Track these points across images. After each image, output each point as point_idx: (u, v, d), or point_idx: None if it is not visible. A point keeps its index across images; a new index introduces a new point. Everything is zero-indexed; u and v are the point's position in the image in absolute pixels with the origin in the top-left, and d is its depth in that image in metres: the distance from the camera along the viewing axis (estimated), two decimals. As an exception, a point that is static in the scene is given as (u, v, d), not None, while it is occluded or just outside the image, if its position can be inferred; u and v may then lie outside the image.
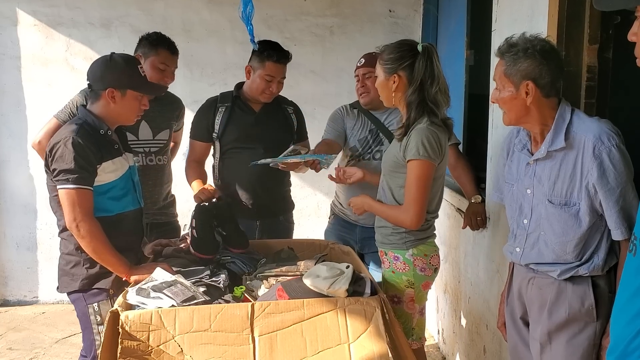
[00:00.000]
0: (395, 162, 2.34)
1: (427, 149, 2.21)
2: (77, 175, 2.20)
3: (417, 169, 2.24)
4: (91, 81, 2.37)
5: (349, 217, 3.09)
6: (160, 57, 2.95)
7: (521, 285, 2.03)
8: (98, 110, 2.36)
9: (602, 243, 1.84)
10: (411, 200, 2.26)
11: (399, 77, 2.30)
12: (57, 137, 2.28)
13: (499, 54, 1.91)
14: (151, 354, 1.90)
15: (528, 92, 1.83)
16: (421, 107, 2.28)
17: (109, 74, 2.33)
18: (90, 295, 2.36)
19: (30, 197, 4.64)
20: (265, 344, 1.96)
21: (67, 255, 2.38)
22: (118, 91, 2.32)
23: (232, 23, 4.52)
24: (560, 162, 1.84)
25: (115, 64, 2.35)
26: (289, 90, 3.20)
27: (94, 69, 2.37)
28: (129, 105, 2.37)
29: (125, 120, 2.44)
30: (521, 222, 1.99)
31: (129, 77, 2.35)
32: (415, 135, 2.24)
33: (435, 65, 2.28)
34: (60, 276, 2.41)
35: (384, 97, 2.40)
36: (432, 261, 2.41)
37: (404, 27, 4.76)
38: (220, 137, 3.05)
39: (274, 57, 2.90)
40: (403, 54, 2.29)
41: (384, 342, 2.00)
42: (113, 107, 2.34)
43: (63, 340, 4.02)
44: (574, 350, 1.86)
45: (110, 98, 2.32)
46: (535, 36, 1.87)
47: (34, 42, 4.54)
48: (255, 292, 2.31)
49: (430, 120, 2.26)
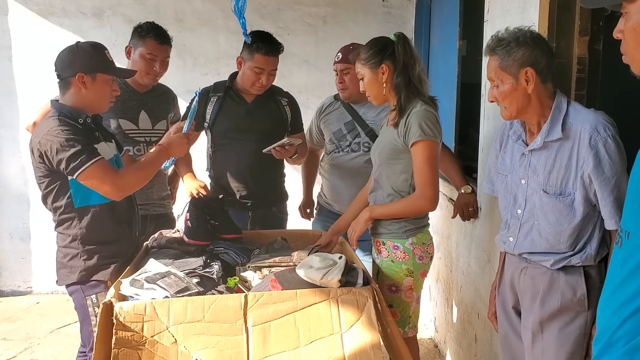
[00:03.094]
0: (393, 148, 2.36)
1: (431, 128, 2.26)
2: (86, 153, 2.21)
3: (424, 149, 2.27)
4: (60, 71, 2.35)
5: (333, 208, 3.13)
6: (147, 47, 2.93)
7: (513, 275, 2.05)
8: (71, 100, 2.34)
9: (595, 233, 1.86)
10: (425, 182, 2.28)
11: (387, 67, 2.34)
12: (40, 134, 2.25)
13: (488, 51, 1.91)
14: (145, 345, 1.91)
15: (528, 79, 1.84)
16: (409, 88, 2.34)
17: (77, 60, 2.32)
18: (88, 287, 2.37)
19: (24, 187, 4.63)
20: (258, 334, 1.98)
21: (64, 248, 2.38)
22: (88, 76, 2.31)
23: (225, 12, 4.50)
24: (556, 152, 1.86)
25: (83, 49, 2.35)
26: (283, 80, 3.20)
27: (62, 57, 2.36)
28: (100, 89, 2.35)
29: (98, 106, 2.41)
30: (515, 212, 2.01)
31: (97, 61, 2.34)
32: (414, 119, 2.28)
33: (412, 48, 2.38)
34: (58, 269, 2.42)
35: (374, 95, 2.42)
36: (429, 249, 2.44)
37: (397, 17, 4.76)
38: (211, 126, 3.06)
39: (262, 49, 2.89)
40: (382, 45, 2.37)
41: (376, 332, 2.02)
42: (85, 92, 2.32)
43: (58, 330, 4.04)
44: (565, 339, 1.88)
45: (81, 83, 2.30)
46: (520, 27, 1.89)
47: (25, 31, 4.51)
48: (249, 283, 2.33)
49: (423, 101, 2.32)
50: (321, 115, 3.23)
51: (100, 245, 2.36)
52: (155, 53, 2.95)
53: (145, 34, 2.94)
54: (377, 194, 2.47)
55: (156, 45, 2.96)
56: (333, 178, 3.13)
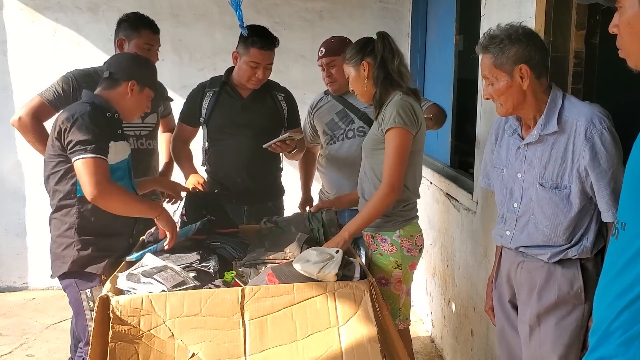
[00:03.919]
0: (375, 139, 2.41)
1: (403, 117, 2.30)
2: (95, 145, 2.22)
3: (394, 137, 2.31)
4: (114, 69, 2.43)
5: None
6: (144, 38, 2.93)
7: (510, 269, 2.05)
8: (110, 96, 2.40)
9: (592, 226, 1.87)
10: (388, 169, 2.32)
11: (367, 64, 2.42)
12: (71, 110, 2.29)
13: (481, 49, 1.92)
14: (142, 339, 1.91)
15: (523, 76, 1.84)
16: (387, 81, 2.41)
17: (136, 68, 2.45)
18: (82, 282, 2.36)
19: (19, 183, 4.62)
20: (255, 328, 1.98)
21: (58, 238, 2.38)
22: (138, 86, 2.41)
23: (221, 7, 4.49)
24: (552, 145, 1.87)
25: (145, 62, 2.55)
26: (279, 75, 3.20)
27: (121, 59, 2.52)
28: (141, 101, 2.47)
29: (130, 114, 2.49)
30: (511, 205, 2.02)
31: (151, 77, 2.51)
32: (389, 107, 2.35)
33: (392, 44, 2.45)
34: (52, 261, 2.41)
35: (360, 92, 2.50)
36: (417, 242, 2.46)
37: (394, 12, 4.75)
38: (207, 121, 3.05)
39: (258, 44, 2.89)
40: (363, 44, 2.47)
41: (373, 325, 2.03)
42: (128, 98, 2.41)
43: (54, 325, 4.03)
44: (562, 331, 1.89)
45: (130, 90, 2.40)
46: (511, 23, 1.89)
47: (20, 26, 4.48)
48: (246, 277, 2.32)
49: (402, 92, 2.38)
50: (313, 111, 3.22)
51: (96, 237, 2.36)
52: (152, 43, 2.97)
53: (140, 25, 2.94)
54: (364, 187, 2.52)
55: (151, 35, 2.97)
56: (332, 171, 3.11)
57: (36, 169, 4.23)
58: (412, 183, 2.45)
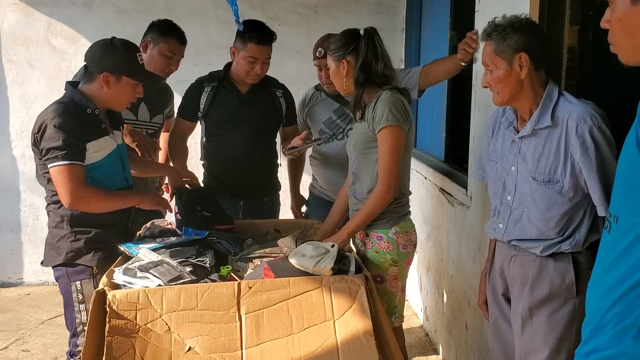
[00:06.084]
0: (366, 138, 2.37)
1: (395, 115, 2.27)
2: (66, 151, 2.21)
3: (388, 136, 2.29)
4: (88, 62, 2.37)
5: (330, 197, 3.12)
6: (169, 45, 2.95)
7: (503, 263, 2.07)
8: (89, 90, 2.36)
9: (585, 219, 1.89)
10: (384, 169, 2.30)
11: (347, 62, 2.37)
12: (43, 116, 2.27)
13: (484, 36, 1.93)
14: (139, 333, 1.92)
15: (522, 65, 1.86)
16: (369, 83, 2.36)
17: (106, 58, 2.34)
18: (73, 273, 2.37)
19: (13, 178, 4.60)
20: (251, 322, 1.99)
21: (54, 229, 2.39)
22: (113, 76, 2.33)
23: (215, 2, 4.48)
24: (545, 139, 1.88)
25: (114, 48, 2.36)
26: (274, 71, 3.20)
27: (93, 49, 2.38)
28: (122, 91, 2.37)
29: (115, 105, 2.44)
30: (504, 198, 2.03)
31: (125, 63, 2.35)
32: (380, 105, 2.30)
33: (378, 45, 2.37)
34: (46, 250, 2.43)
35: (338, 85, 2.47)
36: (412, 237, 2.46)
37: (388, 7, 4.75)
38: (205, 116, 3.06)
39: (255, 38, 2.89)
40: (347, 40, 2.39)
41: (368, 319, 2.04)
42: (106, 91, 2.34)
43: (49, 321, 4.03)
44: (554, 324, 1.91)
45: (104, 82, 2.32)
46: (516, 15, 1.92)
47: (14, 21, 4.46)
48: (242, 272, 2.33)
49: (388, 89, 2.33)
50: (305, 107, 3.20)
51: (88, 229, 2.37)
52: (175, 52, 2.99)
53: (169, 32, 2.96)
54: (356, 187, 2.48)
55: (177, 45, 3.00)
56: (330, 168, 3.09)
57: (30, 164, 4.23)
58: (405, 179, 2.45)
